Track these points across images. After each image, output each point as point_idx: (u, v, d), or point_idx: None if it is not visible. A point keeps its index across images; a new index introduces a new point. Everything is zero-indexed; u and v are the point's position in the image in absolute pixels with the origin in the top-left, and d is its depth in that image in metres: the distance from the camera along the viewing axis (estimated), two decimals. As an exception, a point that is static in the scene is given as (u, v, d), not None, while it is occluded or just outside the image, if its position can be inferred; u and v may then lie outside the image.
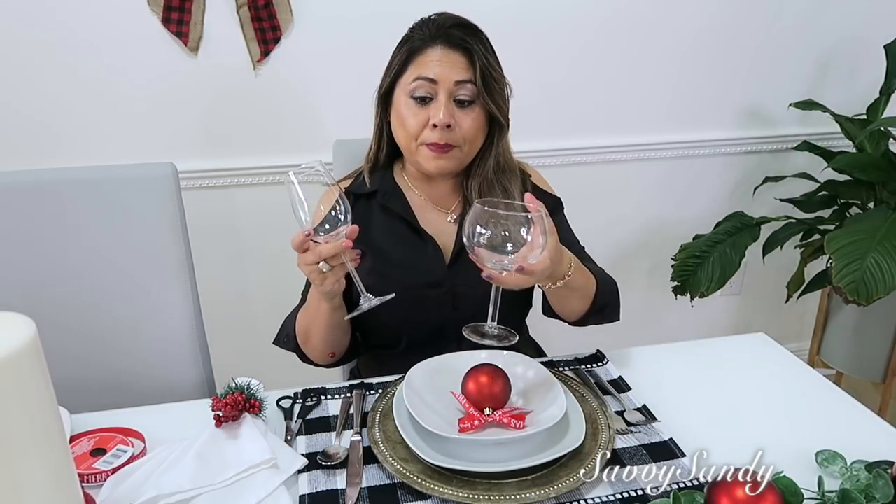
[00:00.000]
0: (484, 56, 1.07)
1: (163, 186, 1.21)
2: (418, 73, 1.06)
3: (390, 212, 1.16)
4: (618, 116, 2.03)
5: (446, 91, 1.06)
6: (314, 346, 1.13)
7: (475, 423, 0.90)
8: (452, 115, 1.06)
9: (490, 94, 1.08)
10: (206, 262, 1.45)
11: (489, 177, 1.14)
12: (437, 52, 1.06)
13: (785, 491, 0.75)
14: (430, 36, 1.07)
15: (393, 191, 1.18)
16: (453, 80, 1.06)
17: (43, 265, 1.20)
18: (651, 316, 2.30)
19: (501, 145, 1.14)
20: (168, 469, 0.86)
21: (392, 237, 1.15)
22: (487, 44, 1.10)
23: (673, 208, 2.19)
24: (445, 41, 1.06)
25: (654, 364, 1.14)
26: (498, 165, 1.14)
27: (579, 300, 1.10)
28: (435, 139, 1.06)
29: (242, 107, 1.78)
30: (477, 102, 1.08)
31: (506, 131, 1.14)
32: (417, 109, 1.07)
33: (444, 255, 1.15)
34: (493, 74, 1.08)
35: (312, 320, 1.10)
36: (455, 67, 1.06)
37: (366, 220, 1.15)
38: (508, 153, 1.17)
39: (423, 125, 1.07)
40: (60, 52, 1.64)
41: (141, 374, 1.27)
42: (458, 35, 1.06)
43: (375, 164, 1.19)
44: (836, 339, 2.16)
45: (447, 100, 1.06)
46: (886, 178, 1.87)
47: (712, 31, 1.98)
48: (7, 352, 0.56)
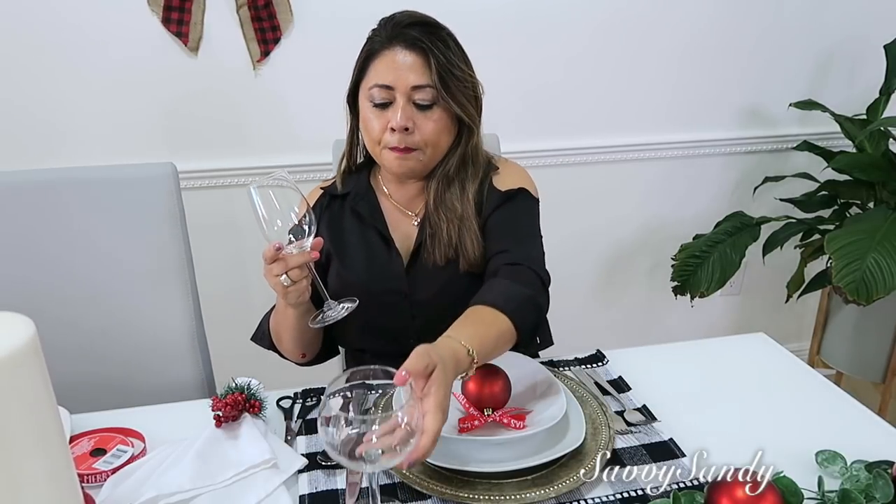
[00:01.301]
0: (442, 55, 1.03)
1: (163, 186, 1.21)
2: (375, 80, 1.04)
3: (360, 215, 1.15)
4: (618, 116, 2.03)
5: (404, 95, 1.03)
6: (285, 347, 1.15)
7: (475, 423, 0.90)
8: (411, 119, 1.04)
9: (451, 95, 1.04)
10: (206, 262, 1.45)
11: (449, 174, 1.11)
12: (394, 54, 1.03)
13: (785, 491, 0.75)
14: (387, 37, 1.04)
15: (364, 194, 1.16)
16: (409, 85, 1.03)
17: (43, 265, 1.20)
18: (651, 316, 2.30)
19: (470, 145, 1.11)
20: (168, 469, 0.86)
21: (359, 241, 1.15)
22: (449, 41, 1.06)
23: (673, 208, 2.19)
24: (402, 41, 1.03)
25: (654, 364, 1.14)
26: (462, 163, 1.12)
27: (505, 346, 0.94)
28: (395, 143, 1.05)
29: (242, 107, 1.78)
30: (438, 104, 1.05)
31: (475, 131, 1.11)
32: (378, 113, 1.05)
33: (403, 259, 1.13)
34: (454, 74, 1.04)
35: (281, 323, 1.10)
36: (412, 71, 1.02)
37: (338, 221, 1.15)
38: (477, 152, 1.14)
39: (384, 129, 1.05)
40: (60, 52, 1.64)
41: (141, 374, 1.27)
42: (414, 35, 1.03)
43: (349, 167, 1.19)
44: (836, 339, 2.16)
45: (405, 103, 1.03)
46: (886, 178, 1.87)
47: (712, 31, 1.98)
48: (7, 352, 0.56)
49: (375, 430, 0.70)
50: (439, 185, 1.11)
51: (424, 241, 1.12)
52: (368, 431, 0.71)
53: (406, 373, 0.73)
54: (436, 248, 1.10)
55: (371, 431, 0.71)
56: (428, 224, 1.12)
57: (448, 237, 1.09)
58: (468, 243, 1.08)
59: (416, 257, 1.13)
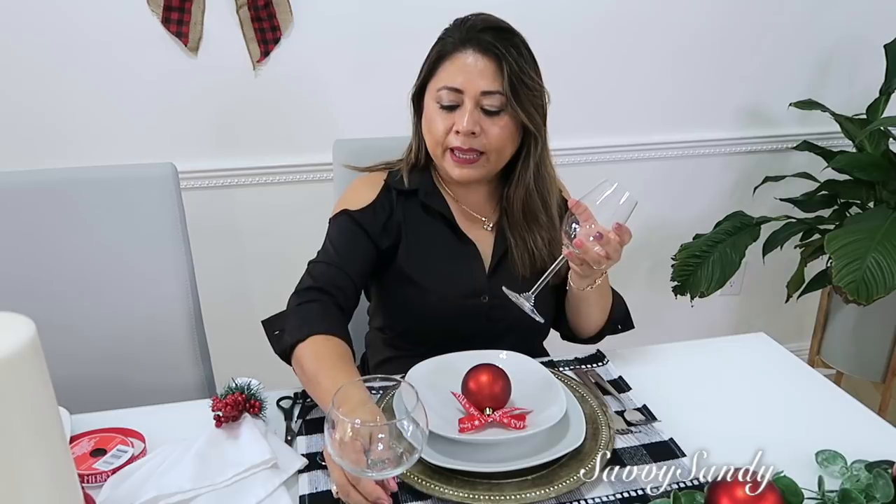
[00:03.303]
0: (515, 63, 1.02)
1: (163, 186, 1.21)
2: (445, 83, 1.04)
3: (431, 212, 1.14)
4: (618, 116, 2.03)
5: (472, 100, 1.03)
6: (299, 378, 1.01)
7: (475, 423, 0.90)
8: (478, 123, 1.03)
9: (520, 103, 1.03)
10: (206, 262, 1.45)
11: (530, 187, 1.12)
12: (466, 57, 1.03)
13: (785, 491, 0.75)
14: (460, 39, 1.03)
15: (433, 191, 1.15)
16: (479, 91, 1.02)
17: (43, 265, 1.20)
18: (651, 316, 2.29)
19: (539, 155, 1.11)
20: (168, 469, 0.86)
21: (433, 238, 1.14)
22: (522, 48, 1.05)
23: (673, 208, 2.19)
24: (476, 45, 1.02)
25: (654, 364, 1.14)
26: (538, 175, 1.12)
27: (599, 312, 1.13)
28: (459, 143, 1.04)
29: (242, 107, 1.78)
30: (506, 111, 1.04)
31: (541, 140, 1.10)
32: (444, 115, 1.05)
33: (484, 264, 1.14)
34: (525, 82, 1.03)
35: (308, 389, 0.99)
36: (483, 76, 1.02)
37: (410, 217, 1.14)
38: (548, 163, 1.14)
39: (449, 130, 1.05)
40: (60, 53, 1.64)
41: (141, 374, 1.27)
42: (488, 40, 1.02)
43: (416, 164, 1.16)
44: (836, 339, 2.16)
45: (473, 107, 1.03)
46: (886, 177, 1.87)
47: (712, 31, 1.98)
48: (7, 352, 0.56)
49: (382, 437, 0.71)
50: (525, 195, 1.12)
51: (510, 249, 1.13)
52: (374, 439, 0.72)
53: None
54: (525, 258, 1.13)
55: (377, 439, 0.71)
56: (511, 234, 1.14)
57: (538, 249, 1.12)
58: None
59: (499, 265, 1.14)
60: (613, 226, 0.93)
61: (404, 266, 1.13)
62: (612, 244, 0.93)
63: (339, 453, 0.71)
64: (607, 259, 0.94)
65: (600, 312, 1.14)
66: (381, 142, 1.30)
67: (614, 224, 0.93)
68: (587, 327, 1.17)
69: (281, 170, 1.85)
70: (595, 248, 0.93)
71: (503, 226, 1.16)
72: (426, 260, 1.13)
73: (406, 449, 0.72)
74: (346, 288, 1.07)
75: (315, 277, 1.07)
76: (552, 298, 1.19)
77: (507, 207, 1.15)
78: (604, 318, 1.15)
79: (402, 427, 0.72)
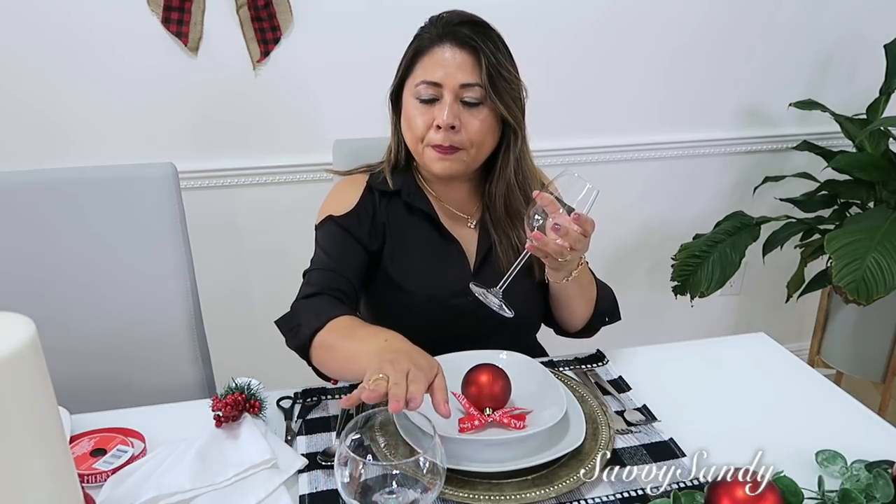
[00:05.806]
0: (492, 55, 1.03)
1: (163, 186, 1.21)
2: (423, 77, 1.04)
3: (414, 212, 1.14)
4: (617, 116, 2.03)
5: (452, 93, 1.03)
6: (330, 372, 1.01)
7: (475, 423, 0.90)
8: (458, 117, 1.04)
9: (499, 95, 1.04)
10: (206, 262, 1.45)
11: (511, 182, 1.12)
12: (443, 51, 1.03)
13: (785, 491, 0.75)
14: (437, 34, 1.04)
15: (416, 191, 1.15)
16: (458, 83, 1.03)
17: (42, 265, 1.20)
18: (651, 316, 2.30)
19: (519, 149, 1.11)
20: (168, 469, 0.86)
21: (417, 239, 1.14)
22: (499, 42, 1.06)
23: (672, 208, 2.19)
24: (453, 39, 1.03)
25: (654, 364, 1.14)
26: (519, 169, 1.12)
27: (584, 304, 1.12)
28: (439, 140, 1.04)
29: (242, 107, 1.78)
30: (485, 104, 1.05)
31: (521, 133, 1.11)
32: (424, 110, 1.05)
33: (469, 262, 1.14)
34: (502, 75, 1.04)
35: (342, 371, 0.98)
36: (461, 69, 1.03)
37: (394, 218, 1.14)
38: (528, 158, 1.14)
39: (429, 126, 1.05)
40: (60, 53, 1.64)
41: (141, 374, 1.27)
42: (465, 33, 1.03)
43: (397, 164, 1.16)
44: (836, 339, 2.16)
45: (453, 101, 1.03)
46: (886, 177, 1.87)
47: (712, 31, 1.98)
48: (7, 352, 0.56)
49: (396, 474, 0.74)
50: (506, 191, 1.12)
51: (494, 246, 1.13)
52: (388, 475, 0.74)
53: None
54: (510, 254, 1.12)
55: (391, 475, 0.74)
56: (494, 230, 1.13)
57: (522, 244, 1.10)
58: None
59: (484, 262, 1.14)
60: (572, 216, 0.91)
61: (389, 267, 1.13)
62: (571, 235, 0.91)
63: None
64: (571, 250, 0.92)
65: (585, 304, 1.14)
66: (381, 142, 1.30)
67: (573, 214, 0.91)
68: (573, 320, 1.17)
69: (281, 170, 1.85)
70: (557, 240, 0.91)
71: (486, 223, 1.15)
72: (411, 260, 1.13)
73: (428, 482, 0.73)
74: (347, 290, 1.07)
75: (314, 284, 1.07)
76: (539, 294, 1.18)
77: (490, 204, 1.15)
78: (589, 309, 1.15)
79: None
